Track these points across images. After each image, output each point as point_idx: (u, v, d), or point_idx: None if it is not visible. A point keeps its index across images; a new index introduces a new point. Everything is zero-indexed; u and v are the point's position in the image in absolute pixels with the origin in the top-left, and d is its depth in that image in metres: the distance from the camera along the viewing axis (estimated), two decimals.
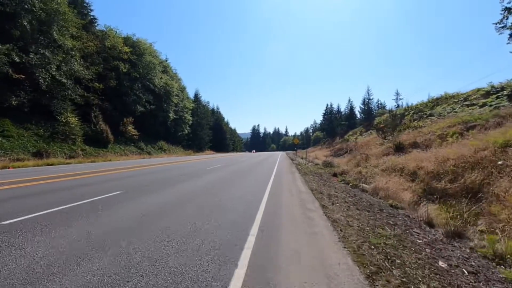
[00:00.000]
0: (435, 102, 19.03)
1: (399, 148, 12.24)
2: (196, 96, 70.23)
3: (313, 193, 6.39)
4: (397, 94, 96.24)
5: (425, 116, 16.64)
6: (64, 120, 24.03)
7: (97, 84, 30.08)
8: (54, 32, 24.90)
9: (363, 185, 8.45)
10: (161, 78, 42.76)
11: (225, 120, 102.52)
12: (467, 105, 15.04)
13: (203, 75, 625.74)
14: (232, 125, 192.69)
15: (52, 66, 24.41)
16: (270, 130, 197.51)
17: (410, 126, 14.66)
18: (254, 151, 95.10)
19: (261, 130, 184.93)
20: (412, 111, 19.69)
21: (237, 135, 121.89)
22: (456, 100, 16.78)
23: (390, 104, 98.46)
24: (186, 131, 53.58)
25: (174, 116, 45.80)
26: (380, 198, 6.74)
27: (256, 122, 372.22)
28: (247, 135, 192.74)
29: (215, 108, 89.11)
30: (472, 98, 15.70)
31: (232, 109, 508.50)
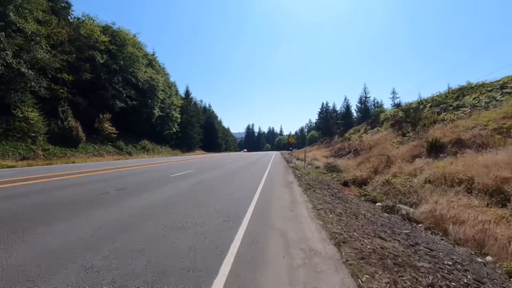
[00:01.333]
0: (459, 93, 16.31)
1: (437, 148, 9.32)
2: (187, 93, 66.73)
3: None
4: (393, 92, 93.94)
5: (451, 108, 13.87)
6: (21, 115, 20.48)
7: (66, 75, 26.52)
8: (11, 13, 21.33)
9: (405, 208, 5.48)
10: (145, 71, 39.26)
11: (219, 119, 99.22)
12: (509, 93, 12.38)
13: (199, 75, 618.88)
14: (227, 124, 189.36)
15: (8, 52, 20.86)
16: (265, 129, 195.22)
17: (438, 119, 11.88)
18: (246, 150, 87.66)
19: (256, 130, 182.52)
20: (429, 104, 16.92)
21: (231, 135, 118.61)
22: (490, 89, 14.10)
23: (387, 103, 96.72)
24: (174, 129, 50.11)
25: (160, 113, 42.32)
26: (457, 243, 3.76)
27: (250, 121, 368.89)
28: (242, 135, 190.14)
29: (207, 106, 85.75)
30: (511, 85, 13.06)
31: (227, 109, 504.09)
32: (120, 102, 33.36)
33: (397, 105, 21.22)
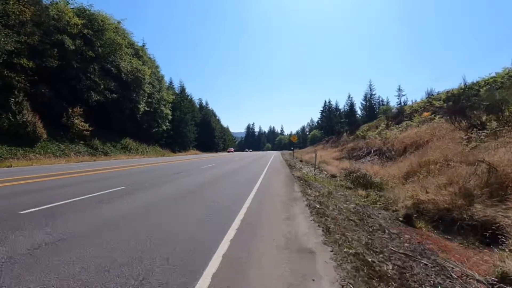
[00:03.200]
0: None
1: None
2: (181, 89, 62.33)
3: None
4: (399, 90, 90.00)
5: None
6: None
7: (25, 60, 22.14)
8: None
9: None
10: (130, 62, 34.84)
11: (217, 117, 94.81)
12: None
13: (199, 75, 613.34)
14: (227, 124, 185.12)
15: None
16: (265, 129, 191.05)
17: None
18: (232, 149, 74.65)
19: (256, 129, 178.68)
20: (485, 88, 12.43)
21: (230, 134, 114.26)
22: None
23: (392, 101, 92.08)
24: (165, 127, 45.67)
25: (146, 109, 37.88)
26: None
27: (251, 121, 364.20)
28: (243, 135, 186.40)
29: (204, 103, 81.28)
30: None
31: (227, 108, 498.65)
32: (96, 95, 28.91)
33: (448, 92, 16.69)
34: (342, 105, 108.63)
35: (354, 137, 25.58)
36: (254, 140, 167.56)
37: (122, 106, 33.84)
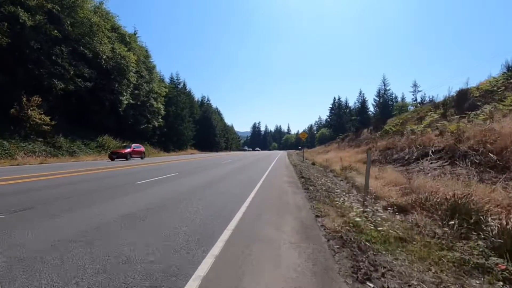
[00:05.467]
0: None
1: None
2: (178, 81, 57.34)
3: None
4: (415, 85, 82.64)
5: None
6: None
7: None
8: None
9: None
10: (111, 47, 29.78)
11: (221, 115, 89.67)
12: None
13: (206, 75, 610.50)
14: (232, 122, 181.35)
15: None
16: (272, 128, 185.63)
17: None
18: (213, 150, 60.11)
19: (262, 128, 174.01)
20: None
21: (233, 132, 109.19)
22: None
23: (408, 97, 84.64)
24: (156, 123, 40.58)
25: (131, 101, 32.78)
26: None
27: (257, 119, 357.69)
28: (249, 134, 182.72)
29: (206, 99, 76.09)
30: None
31: (234, 108, 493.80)
32: (62, 83, 23.86)
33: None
34: (352, 102, 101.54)
35: (382, 133, 19.78)
36: (260, 140, 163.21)
37: (101, 97, 28.81)
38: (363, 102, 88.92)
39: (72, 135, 25.04)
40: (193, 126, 55.59)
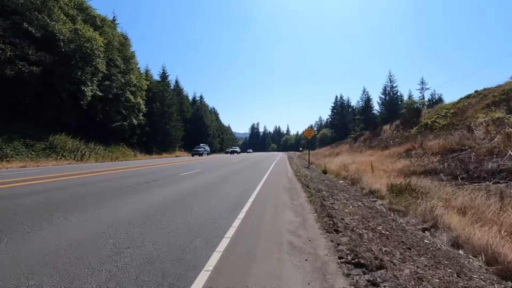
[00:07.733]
0: None
1: None
2: (163, 75, 51.65)
3: None
4: (422, 83, 76.93)
5: None
6: None
7: None
8: None
9: None
10: (74, 28, 24.21)
11: (217, 115, 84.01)
12: None
13: (204, 76, 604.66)
14: (230, 123, 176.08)
15: None
16: (271, 129, 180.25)
17: None
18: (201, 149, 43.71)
19: (261, 129, 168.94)
20: None
21: (230, 133, 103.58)
22: None
23: (415, 95, 79.16)
24: (136, 121, 34.92)
25: (99, 94, 27.10)
26: None
27: (255, 121, 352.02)
28: (247, 135, 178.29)
29: (198, 97, 70.29)
30: None
31: (231, 109, 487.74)
32: None
33: None
34: (354, 101, 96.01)
35: (419, 128, 14.44)
36: (258, 141, 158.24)
37: (56, 86, 23.14)
38: (368, 101, 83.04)
39: (10, 132, 19.35)
40: (183, 126, 49.95)
